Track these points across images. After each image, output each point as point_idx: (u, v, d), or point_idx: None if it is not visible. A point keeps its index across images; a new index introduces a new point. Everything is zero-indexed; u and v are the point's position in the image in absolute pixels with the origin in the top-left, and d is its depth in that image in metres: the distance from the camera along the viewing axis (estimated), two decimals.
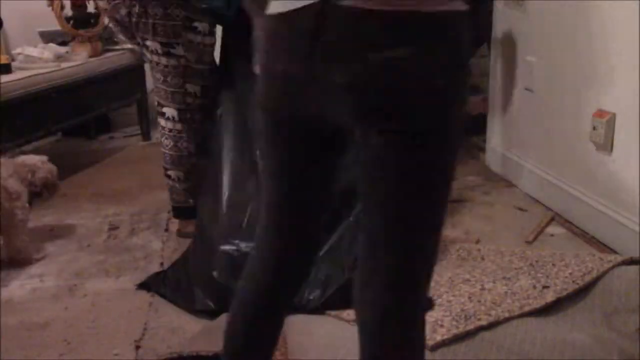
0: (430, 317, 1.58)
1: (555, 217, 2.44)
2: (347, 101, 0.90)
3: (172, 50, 2.17)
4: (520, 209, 2.55)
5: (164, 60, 2.19)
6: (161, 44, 2.17)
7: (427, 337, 1.50)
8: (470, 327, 1.53)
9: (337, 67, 0.89)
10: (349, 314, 1.70)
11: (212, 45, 2.24)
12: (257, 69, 1.02)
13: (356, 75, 0.88)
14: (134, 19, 2.19)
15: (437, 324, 1.55)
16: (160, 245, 2.33)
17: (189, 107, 2.24)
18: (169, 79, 2.21)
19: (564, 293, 1.68)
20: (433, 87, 0.89)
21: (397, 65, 0.87)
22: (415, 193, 0.94)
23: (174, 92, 2.22)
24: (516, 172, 2.78)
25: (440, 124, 0.92)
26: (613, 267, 1.80)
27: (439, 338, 1.49)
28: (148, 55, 2.25)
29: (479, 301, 1.65)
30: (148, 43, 2.20)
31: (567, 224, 2.38)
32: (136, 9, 2.16)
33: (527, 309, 1.61)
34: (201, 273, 1.89)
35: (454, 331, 1.51)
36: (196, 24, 2.16)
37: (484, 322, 1.55)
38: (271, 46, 0.97)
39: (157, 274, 2.07)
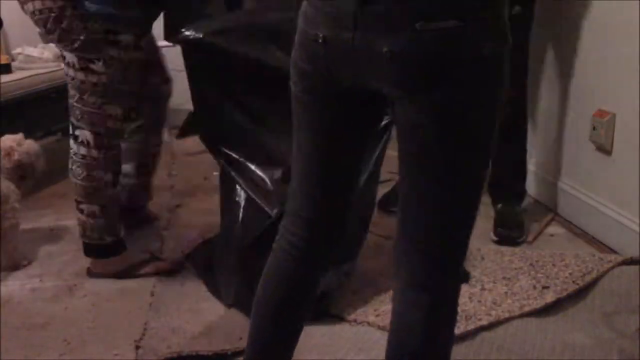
0: None
1: (555, 217, 2.44)
2: (391, 70, 0.92)
3: (91, 66, 1.91)
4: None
5: (80, 75, 1.92)
6: (79, 58, 1.91)
7: None
8: (471, 327, 1.53)
9: (384, 37, 0.90)
10: (349, 313, 1.70)
11: (138, 60, 1.98)
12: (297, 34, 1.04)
13: (402, 45, 0.89)
14: (57, 31, 1.91)
15: None
16: (160, 245, 2.33)
17: (108, 132, 1.97)
18: (85, 97, 1.93)
19: (564, 293, 1.68)
20: (478, 58, 0.91)
21: (444, 36, 0.89)
22: (451, 160, 0.97)
23: (91, 113, 1.94)
24: None
25: (481, 93, 0.94)
26: (613, 267, 1.80)
27: None
28: (64, 67, 1.97)
29: (479, 301, 1.65)
30: (66, 54, 1.94)
31: (567, 224, 2.38)
32: (56, 21, 1.89)
33: (527, 309, 1.61)
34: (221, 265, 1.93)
35: (455, 331, 1.51)
36: (121, 37, 1.91)
37: (484, 322, 1.55)
38: (314, 11, 0.98)
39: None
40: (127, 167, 2.29)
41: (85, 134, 1.96)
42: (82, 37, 1.88)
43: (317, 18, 0.97)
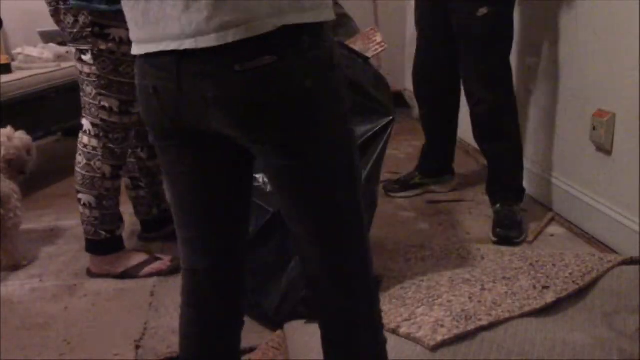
0: (431, 317, 1.58)
1: (555, 217, 2.44)
2: (220, 113, 0.92)
3: (83, 57, 1.94)
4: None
5: (79, 66, 1.98)
6: (76, 49, 1.97)
7: (428, 337, 1.49)
8: (471, 327, 1.53)
9: (208, 83, 0.90)
10: None
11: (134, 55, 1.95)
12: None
13: (225, 89, 0.90)
14: (58, 24, 2.04)
15: (438, 324, 1.54)
16: (160, 245, 2.33)
17: (103, 123, 1.98)
18: (84, 86, 1.99)
19: (564, 293, 1.67)
20: (301, 91, 0.91)
21: (262, 73, 0.88)
22: (312, 196, 0.99)
23: (90, 103, 1.99)
24: None
25: (316, 126, 0.94)
26: (613, 267, 1.80)
27: (439, 338, 1.49)
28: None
29: (480, 301, 1.65)
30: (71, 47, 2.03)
31: (567, 224, 2.38)
32: (58, 17, 2.00)
33: (527, 309, 1.61)
34: None
35: (455, 331, 1.51)
36: (109, 30, 1.88)
37: (484, 322, 1.54)
38: (143, 62, 0.99)
39: None
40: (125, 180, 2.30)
41: (87, 123, 2.01)
42: (74, 30, 1.92)
43: (146, 70, 0.98)
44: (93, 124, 2.00)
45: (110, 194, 2.06)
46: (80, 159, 2.03)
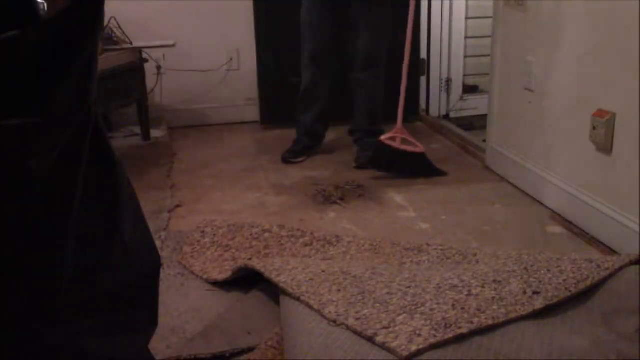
0: (410, 326, 1.53)
1: (555, 217, 2.44)
2: None
3: None
4: (520, 209, 2.55)
5: None
6: None
7: (402, 347, 1.43)
8: (450, 335, 1.49)
9: None
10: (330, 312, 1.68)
11: None
12: None
13: None
14: None
15: (415, 334, 1.50)
16: (160, 245, 2.32)
17: None
18: None
19: (554, 300, 1.63)
20: None
21: None
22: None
23: None
24: (516, 172, 2.78)
25: None
26: (611, 274, 1.77)
27: (414, 348, 1.44)
28: None
29: (463, 308, 1.60)
30: None
31: (567, 224, 2.38)
32: None
33: (513, 315, 1.56)
34: None
35: (431, 340, 1.47)
36: None
37: (464, 330, 1.50)
38: None
39: None
40: None
41: None
42: None
43: None
44: None
45: None
46: None
